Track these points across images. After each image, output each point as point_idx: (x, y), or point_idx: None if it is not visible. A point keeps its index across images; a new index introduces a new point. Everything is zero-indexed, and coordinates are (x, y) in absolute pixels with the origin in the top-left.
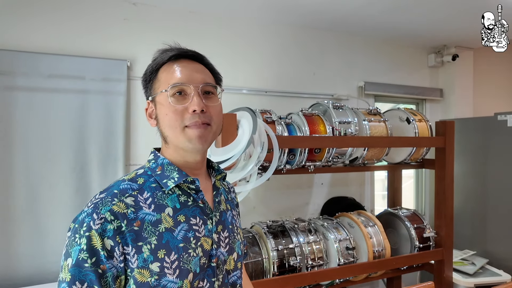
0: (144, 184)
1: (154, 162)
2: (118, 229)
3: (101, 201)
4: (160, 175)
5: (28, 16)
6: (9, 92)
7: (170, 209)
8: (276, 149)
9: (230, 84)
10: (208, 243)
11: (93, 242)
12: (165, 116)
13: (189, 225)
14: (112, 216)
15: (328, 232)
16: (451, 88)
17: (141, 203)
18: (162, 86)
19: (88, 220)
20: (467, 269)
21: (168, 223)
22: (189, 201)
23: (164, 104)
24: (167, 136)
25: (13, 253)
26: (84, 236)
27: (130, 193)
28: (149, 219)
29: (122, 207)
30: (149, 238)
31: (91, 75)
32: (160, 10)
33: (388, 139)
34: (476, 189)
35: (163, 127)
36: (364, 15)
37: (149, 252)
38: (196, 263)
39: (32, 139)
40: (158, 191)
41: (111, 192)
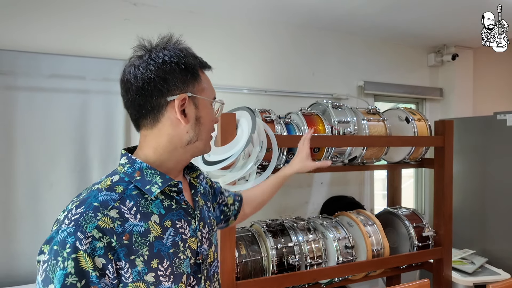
0: (124, 192)
1: (129, 166)
2: (108, 245)
3: (82, 218)
4: (141, 181)
5: (30, 17)
6: (11, 92)
7: (156, 216)
8: (275, 148)
9: (230, 83)
10: (194, 242)
11: (82, 264)
12: (210, 122)
13: (176, 229)
14: (100, 233)
15: (327, 231)
16: (451, 88)
17: (126, 214)
18: (207, 93)
19: (72, 241)
20: (466, 268)
21: (156, 231)
22: (172, 204)
23: (210, 110)
24: (199, 139)
25: (14, 251)
26: (69, 259)
27: (113, 205)
28: (138, 230)
29: (108, 222)
30: (140, 250)
31: (91, 75)
32: (161, 10)
33: (387, 138)
34: (476, 188)
35: (203, 131)
36: (364, 15)
37: (142, 265)
38: (187, 264)
39: (33, 139)
40: (141, 199)
41: (91, 206)
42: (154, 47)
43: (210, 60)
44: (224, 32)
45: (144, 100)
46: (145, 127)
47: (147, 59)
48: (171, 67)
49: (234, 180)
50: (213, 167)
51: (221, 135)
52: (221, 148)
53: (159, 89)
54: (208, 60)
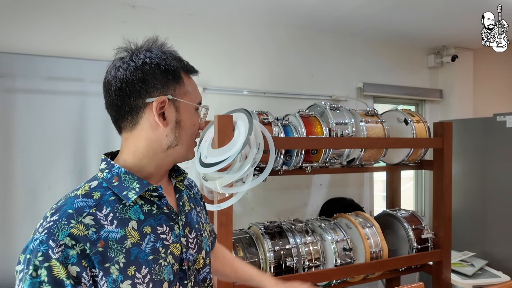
0: (101, 198)
1: (108, 172)
2: (82, 253)
3: (55, 225)
4: (118, 187)
5: (27, 20)
6: (9, 94)
7: (134, 222)
8: (272, 150)
9: (229, 85)
10: (177, 248)
11: (55, 272)
12: (192, 126)
13: (156, 235)
14: (73, 240)
15: (325, 233)
16: (450, 89)
17: (102, 221)
18: (190, 97)
19: (45, 249)
20: (466, 270)
21: (134, 238)
22: (153, 209)
23: (193, 114)
24: (179, 144)
25: (13, 253)
26: (42, 267)
27: (88, 211)
28: (113, 237)
29: (82, 229)
30: (116, 257)
31: (90, 77)
32: (159, 13)
33: (385, 140)
34: (476, 190)
35: (184, 135)
36: (362, 16)
37: (118, 272)
38: (168, 271)
39: (31, 141)
40: (118, 205)
41: (65, 213)
42: (137, 49)
43: (209, 63)
44: (223, 34)
45: (122, 101)
46: (125, 129)
47: (127, 60)
48: (151, 68)
49: (231, 182)
50: (210, 169)
51: (218, 137)
52: (218, 150)
53: (137, 89)
54: (206, 62)
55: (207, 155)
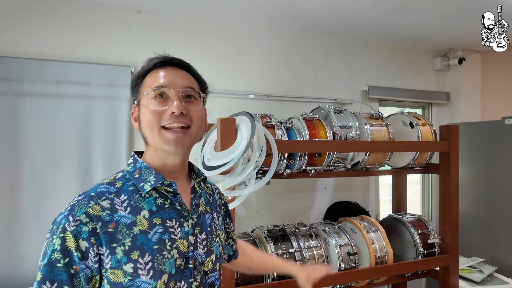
0: (121, 187)
1: (133, 165)
2: (93, 231)
3: (77, 204)
4: (138, 179)
5: (35, 25)
6: (17, 98)
7: (146, 211)
8: (275, 153)
9: (233, 88)
10: (184, 245)
11: (67, 243)
12: (145, 117)
13: (165, 227)
14: (87, 218)
15: (329, 237)
16: (458, 92)
17: (117, 206)
18: (145, 90)
19: (64, 222)
20: (474, 276)
21: (143, 225)
22: (166, 203)
23: (146, 106)
24: (146, 137)
25: (19, 254)
26: (58, 237)
27: (107, 196)
28: (124, 222)
29: (98, 210)
30: (123, 240)
31: (96, 81)
32: (164, 17)
33: (390, 143)
34: (484, 195)
35: (142, 127)
36: (367, 19)
37: (122, 254)
38: (171, 264)
39: (38, 144)
40: (135, 194)
41: (88, 195)
42: None
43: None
44: (227, 38)
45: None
46: None
47: None
48: (131, 84)
49: (234, 185)
50: (213, 172)
51: (221, 140)
52: (220, 153)
53: (132, 101)
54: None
55: (210, 158)
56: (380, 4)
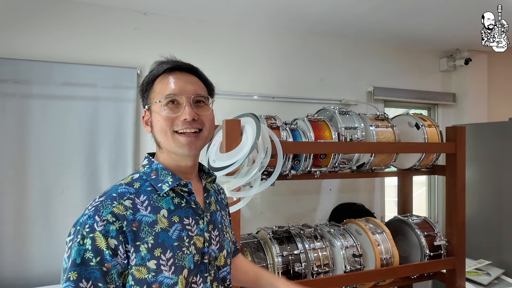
0: (140, 188)
1: (148, 167)
2: (120, 229)
3: (101, 204)
4: (155, 180)
5: (43, 28)
6: (25, 99)
7: (165, 210)
8: (280, 154)
9: (238, 90)
10: (200, 241)
11: (97, 242)
12: (157, 122)
13: (183, 225)
14: (114, 217)
15: (335, 238)
16: (464, 93)
17: (138, 206)
18: (157, 96)
19: (91, 222)
20: (481, 279)
21: (164, 224)
22: (182, 202)
23: (159, 112)
24: (160, 142)
25: (26, 254)
26: (88, 237)
27: (128, 196)
28: (146, 220)
29: (122, 209)
30: (146, 238)
31: (102, 82)
32: (170, 20)
33: (395, 145)
34: (491, 196)
35: (156, 132)
36: (372, 20)
37: (146, 251)
38: (190, 260)
39: (46, 144)
40: (154, 194)
41: (110, 196)
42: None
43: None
44: (232, 40)
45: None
46: None
47: None
48: (141, 88)
49: (239, 186)
50: (218, 173)
51: (226, 142)
52: (225, 154)
53: (143, 105)
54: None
55: (215, 159)
56: (385, 5)
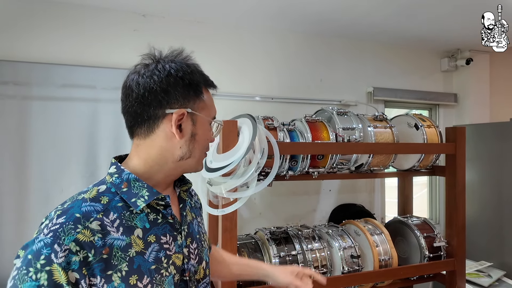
0: (109, 204)
1: (117, 176)
2: (84, 260)
3: (62, 229)
4: (127, 193)
5: (43, 31)
6: (25, 101)
7: (139, 230)
8: (277, 155)
9: (237, 91)
10: (179, 258)
11: (55, 277)
12: (205, 139)
13: (160, 245)
14: (78, 246)
15: (333, 239)
16: (466, 93)
17: (108, 227)
18: (206, 111)
19: (48, 253)
20: (482, 281)
21: (139, 246)
22: (158, 218)
23: (207, 129)
24: (191, 156)
25: None
26: (43, 271)
27: (95, 217)
28: (118, 245)
29: (88, 235)
30: (119, 265)
31: (102, 84)
32: (169, 21)
33: (393, 145)
34: (493, 198)
35: (197, 148)
36: (372, 20)
37: (120, 280)
38: (170, 282)
39: (46, 146)
40: (126, 211)
41: (73, 217)
42: (163, 58)
43: (218, 68)
44: (231, 41)
45: (141, 109)
46: (138, 136)
47: (153, 68)
48: (175, 80)
49: (236, 186)
50: (214, 174)
51: (223, 142)
52: (222, 155)
53: (159, 100)
54: (215, 68)
55: (212, 160)
56: (385, 4)
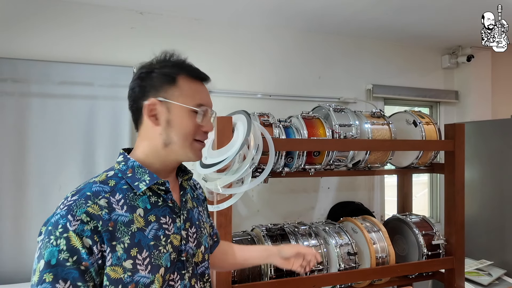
0: (115, 186)
1: (124, 164)
2: (95, 229)
3: (75, 203)
4: (131, 178)
5: (41, 28)
6: (24, 98)
7: (141, 209)
8: (272, 151)
9: (235, 88)
10: (177, 239)
11: (72, 242)
12: (183, 125)
13: (159, 224)
14: (88, 217)
15: (329, 236)
16: (467, 90)
17: (114, 205)
18: (185, 99)
19: (64, 222)
20: (482, 280)
21: (140, 223)
22: (159, 201)
23: (185, 115)
24: (172, 142)
25: (25, 249)
26: (61, 237)
27: (103, 195)
28: (122, 220)
29: (96, 209)
30: (122, 238)
31: (99, 81)
32: (166, 18)
33: (390, 142)
34: (494, 196)
35: (175, 133)
36: (371, 16)
37: (122, 251)
38: (166, 258)
39: (44, 142)
40: (130, 193)
41: (84, 194)
42: (154, 63)
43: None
44: (229, 38)
45: (131, 104)
46: (137, 129)
47: (136, 70)
48: (147, 74)
49: (230, 182)
50: (209, 170)
51: (218, 138)
52: (217, 151)
53: (137, 93)
54: (212, 65)
55: (207, 156)
56: (383, 1)
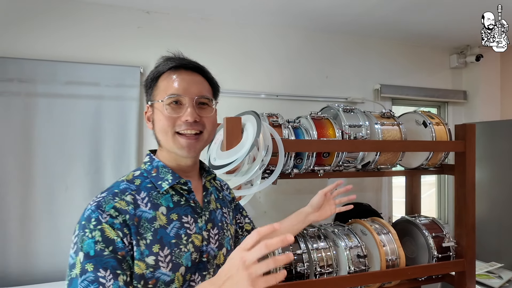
0: (140, 185)
1: (149, 164)
2: (124, 222)
3: (103, 200)
4: (155, 177)
5: (47, 28)
6: (30, 98)
7: (164, 208)
8: (282, 152)
9: (242, 88)
10: (198, 239)
11: (107, 233)
12: (159, 121)
13: (181, 223)
14: (116, 212)
15: (339, 239)
16: (475, 90)
17: (139, 202)
18: (160, 94)
19: (96, 216)
20: (492, 282)
21: (162, 221)
22: (181, 200)
23: (161, 111)
24: (160, 140)
25: (31, 251)
26: (96, 230)
27: (130, 192)
28: (146, 216)
29: (123, 204)
30: (145, 234)
31: (106, 81)
32: (172, 18)
33: (401, 143)
34: (504, 197)
35: (156, 131)
36: (379, 16)
37: (145, 246)
38: (187, 257)
39: (50, 142)
40: (153, 191)
41: (112, 192)
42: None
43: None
44: (235, 38)
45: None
46: None
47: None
48: (145, 83)
49: (240, 184)
50: (218, 171)
51: (227, 139)
52: (226, 152)
53: (146, 100)
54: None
55: (216, 157)
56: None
